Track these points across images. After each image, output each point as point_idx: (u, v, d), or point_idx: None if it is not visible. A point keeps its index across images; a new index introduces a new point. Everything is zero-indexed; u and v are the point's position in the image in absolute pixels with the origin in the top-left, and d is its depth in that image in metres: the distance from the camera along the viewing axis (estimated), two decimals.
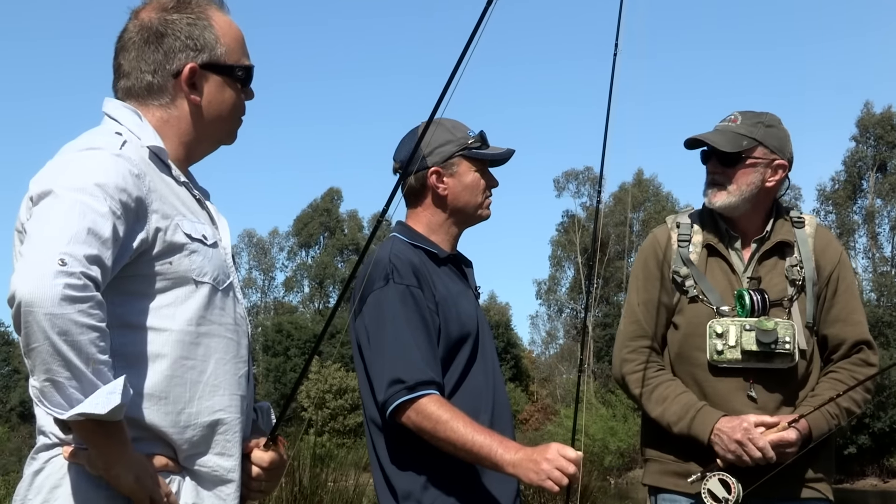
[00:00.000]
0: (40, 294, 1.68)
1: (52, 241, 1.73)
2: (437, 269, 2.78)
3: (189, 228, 2.00)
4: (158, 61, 2.07)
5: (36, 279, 1.69)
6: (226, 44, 2.11)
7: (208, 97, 2.11)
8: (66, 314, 1.69)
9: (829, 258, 3.16)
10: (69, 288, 1.69)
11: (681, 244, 3.18)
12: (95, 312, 1.73)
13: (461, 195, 2.84)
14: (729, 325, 3.02)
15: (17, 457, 37.14)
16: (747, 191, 3.09)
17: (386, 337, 2.61)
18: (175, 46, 2.07)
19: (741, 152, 3.08)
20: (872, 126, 53.24)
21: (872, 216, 54.23)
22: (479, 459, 2.52)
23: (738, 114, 3.17)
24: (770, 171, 3.12)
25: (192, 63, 2.07)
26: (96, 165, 1.87)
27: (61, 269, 1.69)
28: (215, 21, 2.11)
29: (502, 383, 2.88)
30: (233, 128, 2.21)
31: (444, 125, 2.85)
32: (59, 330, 1.69)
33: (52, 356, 1.70)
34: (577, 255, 61.06)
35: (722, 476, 2.94)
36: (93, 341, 1.73)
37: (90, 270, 1.74)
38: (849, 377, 3.07)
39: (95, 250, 1.76)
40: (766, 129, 3.13)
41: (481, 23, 2.28)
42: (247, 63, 2.17)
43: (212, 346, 2.01)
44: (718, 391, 3.06)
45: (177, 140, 2.11)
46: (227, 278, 2.09)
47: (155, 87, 2.08)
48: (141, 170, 1.93)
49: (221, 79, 2.12)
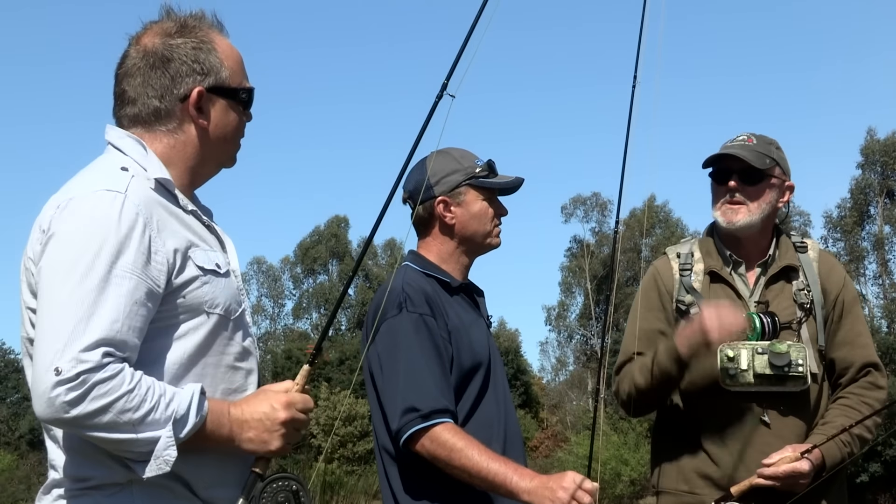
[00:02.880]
0: (49, 413, 1.76)
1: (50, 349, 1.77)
2: (449, 299, 2.79)
3: (202, 260, 2.01)
4: (165, 86, 2.06)
5: (37, 398, 1.77)
6: (229, 67, 2.13)
7: (214, 121, 2.12)
8: (80, 413, 1.76)
9: (834, 282, 3.16)
10: (70, 392, 1.75)
11: (682, 273, 3.18)
12: (107, 388, 1.77)
13: (469, 224, 2.85)
14: (741, 348, 3.00)
15: (27, 485, 37.06)
16: (766, 210, 3.11)
17: (399, 365, 2.61)
18: (182, 71, 2.07)
19: (766, 170, 3.10)
20: (877, 152, 53.13)
21: (882, 243, 53.98)
22: (495, 487, 2.52)
23: (751, 134, 3.18)
24: (782, 192, 3.16)
25: (199, 87, 2.08)
26: (105, 215, 1.87)
27: (57, 379, 1.75)
28: (218, 45, 2.13)
29: (514, 413, 2.88)
30: (234, 150, 2.22)
31: (452, 154, 2.87)
32: (83, 427, 1.78)
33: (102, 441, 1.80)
34: (587, 282, 60.91)
35: None
36: (121, 411, 1.77)
37: (88, 364, 1.76)
38: (858, 402, 3.06)
39: (97, 335, 1.79)
40: (777, 150, 3.16)
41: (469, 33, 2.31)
42: (248, 85, 2.18)
43: (218, 375, 2.03)
44: (731, 417, 3.04)
45: (183, 165, 2.11)
46: (239, 307, 2.10)
47: (162, 113, 2.07)
48: (149, 210, 1.94)
49: (226, 102, 2.13)
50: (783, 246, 3.20)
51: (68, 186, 1.98)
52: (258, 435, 1.96)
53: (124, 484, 1.87)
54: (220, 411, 1.93)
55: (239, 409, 1.96)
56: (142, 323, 1.87)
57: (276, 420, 1.97)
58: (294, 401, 2.00)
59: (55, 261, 1.86)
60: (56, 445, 1.95)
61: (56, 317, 1.80)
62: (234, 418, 1.95)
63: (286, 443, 1.99)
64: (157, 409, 1.81)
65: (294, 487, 1.99)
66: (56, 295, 1.82)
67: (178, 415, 1.83)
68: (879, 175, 53.67)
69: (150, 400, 1.80)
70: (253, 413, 1.96)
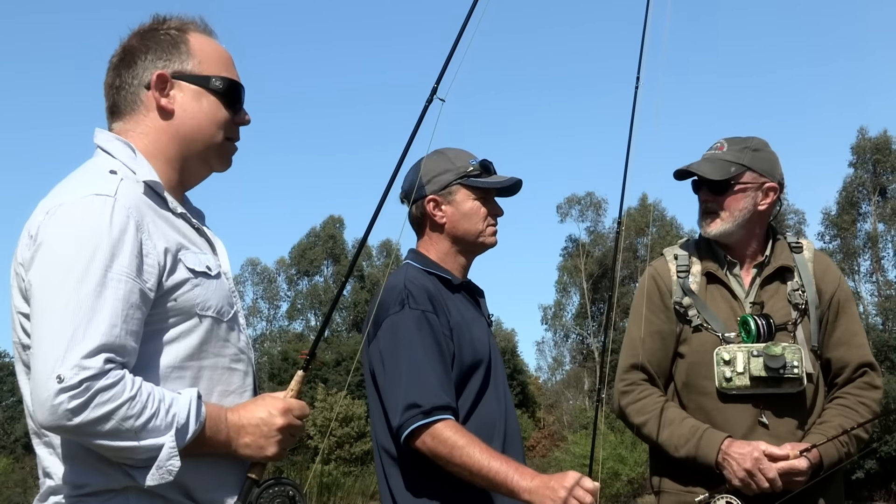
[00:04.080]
0: (52, 420, 1.76)
1: (50, 356, 1.77)
2: (451, 296, 2.80)
3: (192, 262, 2.00)
4: (134, 75, 2.09)
5: (39, 406, 1.76)
6: (202, 57, 2.12)
7: (182, 106, 2.10)
8: (82, 421, 1.75)
9: (829, 282, 3.18)
10: (72, 399, 1.74)
11: (680, 275, 3.19)
12: (109, 396, 1.76)
13: (459, 223, 2.85)
14: (736, 351, 3.02)
15: (22, 488, 36.97)
16: (740, 216, 3.12)
17: (401, 362, 2.61)
18: (147, 58, 2.09)
19: (729, 179, 3.11)
20: (869, 150, 53.23)
21: (875, 241, 54.08)
22: (495, 486, 2.51)
23: (725, 141, 3.21)
24: (761, 194, 3.14)
25: (159, 70, 2.08)
26: (96, 220, 1.86)
27: (60, 386, 1.74)
28: (192, 37, 2.13)
29: (514, 411, 2.88)
30: (220, 148, 2.16)
31: (446, 154, 2.88)
32: (85, 434, 1.78)
33: (103, 448, 1.80)
34: (583, 281, 60.92)
35: (729, 499, 2.92)
36: (123, 418, 1.77)
37: (90, 370, 1.76)
38: (856, 402, 3.08)
39: (97, 341, 1.78)
40: (752, 153, 3.15)
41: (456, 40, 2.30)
42: (226, 76, 2.15)
43: (214, 378, 2.02)
44: (728, 419, 3.05)
45: (163, 157, 2.09)
46: (231, 308, 2.09)
47: (130, 100, 2.09)
48: (140, 212, 1.92)
49: (197, 89, 2.11)
50: (778, 247, 3.21)
51: (57, 191, 1.97)
52: (255, 440, 1.96)
53: (120, 490, 1.86)
54: (218, 416, 1.93)
55: (236, 414, 1.96)
56: (138, 326, 1.86)
57: (273, 426, 1.97)
58: (291, 407, 2.00)
59: (48, 267, 1.85)
60: (50, 452, 1.94)
61: (54, 323, 1.79)
62: (232, 423, 1.94)
63: (282, 449, 1.99)
64: (157, 415, 1.80)
65: (290, 493, 1.99)
66: (52, 301, 1.81)
67: (178, 422, 1.83)
68: (871, 173, 53.79)
69: (150, 406, 1.80)
70: (250, 419, 1.96)
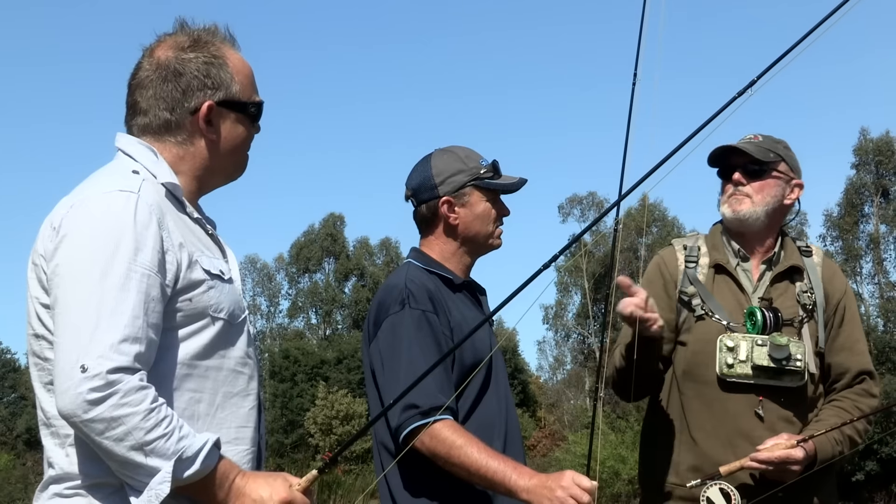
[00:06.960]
0: (71, 408, 1.80)
1: (74, 346, 1.81)
2: (452, 296, 2.80)
3: (207, 265, 2.05)
4: (176, 99, 2.11)
5: (61, 395, 1.81)
6: (239, 81, 2.17)
7: (223, 134, 2.16)
8: (97, 416, 1.79)
9: (836, 287, 3.21)
10: (93, 392, 1.78)
11: (688, 265, 3.20)
12: (128, 400, 1.80)
13: (472, 225, 2.86)
14: (740, 339, 3.02)
15: (24, 484, 36.99)
16: (771, 203, 3.15)
17: (401, 362, 2.62)
18: (193, 85, 2.11)
19: (769, 163, 3.15)
20: (870, 152, 53.15)
21: (877, 242, 54.01)
22: (493, 485, 2.52)
23: (758, 134, 3.24)
24: (789, 188, 3.19)
25: (209, 101, 2.12)
26: (120, 214, 1.91)
27: (83, 376, 1.79)
28: (230, 60, 2.17)
29: (514, 411, 2.88)
30: (242, 162, 2.26)
31: (457, 154, 2.88)
32: (95, 432, 1.80)
33: (107, 454, 1.83)
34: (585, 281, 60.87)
35: (723, 486, 2.91)
36: (135, 427, 1.80)
37: (114, 361, 1.80)
38: (852, 406, 3.10)
39: (120, 333, 1.83)
40: (784, 148, 3.21)
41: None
42: (257, 99, 2.22)
43: (220, 378, 2.05)
44: (727, 408, 3.05)
45: (190, 175, 2.16)
46: (242, 313, 2.14)
47: (173, 125, 2.12)
48: (161, 211, 1.98)
49: (235, 115, 2.18)
50: (788, 248, 3.24)
51: (81, 188, 2.02)
52: None
53: (119, 487, 1.89)
54: (227, 474, 1.94)
55: (244, 480, 1.96)
56: (158, 319, 1.91)
57: None
58: (294, 500, 1.98)
59: (73, 259, 1.89)
60: (56, 442, 1.97)
61: (79, 314, 1.83)
62: (235, 487, 1.94)
63: None
64: (167, 438, 1.83)
65: None
66: (76, 293, 1.85)
67: (184, 454, 1.84)
68: (874, 175, 53.71)
69: (163, 427, 1.83)
70: (251, 492, 1.95)
